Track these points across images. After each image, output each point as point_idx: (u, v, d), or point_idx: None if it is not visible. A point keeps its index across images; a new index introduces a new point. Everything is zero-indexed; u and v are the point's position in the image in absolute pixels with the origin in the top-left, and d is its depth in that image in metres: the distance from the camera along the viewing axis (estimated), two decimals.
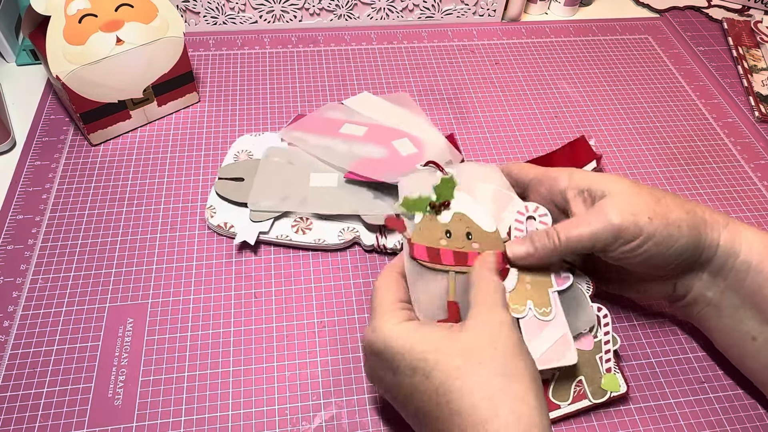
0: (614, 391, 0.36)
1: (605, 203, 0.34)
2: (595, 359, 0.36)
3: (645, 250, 0.33)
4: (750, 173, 0.53)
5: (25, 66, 0.59)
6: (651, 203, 0.33)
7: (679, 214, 0.33)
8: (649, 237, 0.33)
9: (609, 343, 0.36)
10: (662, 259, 0.34)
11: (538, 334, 0.34)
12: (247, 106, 0.55)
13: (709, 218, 0.34)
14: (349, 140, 0.47)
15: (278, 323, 0.40)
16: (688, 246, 0.33)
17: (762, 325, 0.34)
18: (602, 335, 0.37)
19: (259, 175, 0.45)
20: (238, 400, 0.36)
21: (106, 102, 0.49)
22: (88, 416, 0.35)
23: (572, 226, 0.34)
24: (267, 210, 0.43)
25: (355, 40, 0.64)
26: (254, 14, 0.63)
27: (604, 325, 0.37)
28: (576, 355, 0.34)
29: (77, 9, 0.45)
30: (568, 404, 0.36)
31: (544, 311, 0.35)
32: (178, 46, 0.50)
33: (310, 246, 0.43)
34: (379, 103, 0.52)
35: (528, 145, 0.53)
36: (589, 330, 0.36)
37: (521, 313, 0.35)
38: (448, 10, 0.66)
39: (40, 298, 0.40)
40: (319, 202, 0.44)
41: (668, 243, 0.33)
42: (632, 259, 0.34)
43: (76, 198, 0.46)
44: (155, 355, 0.38)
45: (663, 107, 0.59)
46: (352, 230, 0.43)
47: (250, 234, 0.43)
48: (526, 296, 0.35)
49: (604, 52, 0.65)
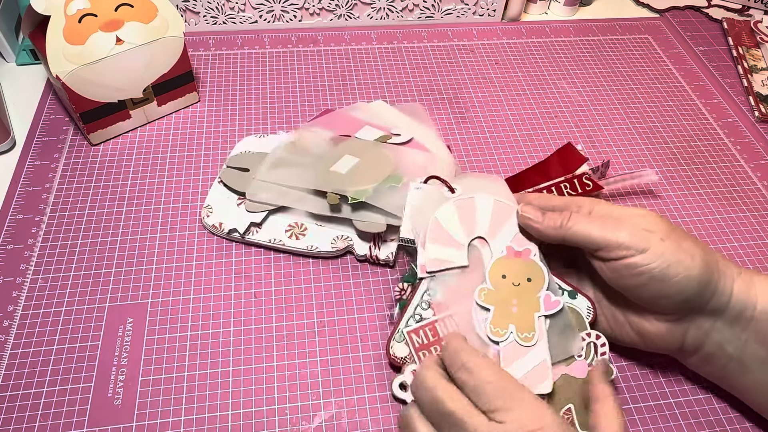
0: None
1: (624, 215, 0.34)
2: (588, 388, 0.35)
3: (651, 269, 0.32)
4: (750, 173, 0.53)
5: (25, 66, 0.59)
6: (667, 229, 0.33)
7: (693, 246, 0.32)
8: (658, 255, 0.32)
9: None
10: (668, 287, 0.32)
11: (518, 359, 0.34)
12: (247, 106, 0.55)
13: (722, 262, 0.33)
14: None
15: (278, 323, 0.40)
16: (700, 281, 0.32)
17: None
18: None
19: (263, 167, 0.45)
20: (238, 400, 0.36)
21: (105, 102, 0.49)
22: (88, 416, 0.35)
23: (586, 221, 0.34)
24: (264, 202, 0.43)
25: (355, 40, 0.64)
26: (254, 14, 0.63)
27: (601, 354, 0.35)
28: (551, 385, 0.33)
29: (77, 9, 0.45)
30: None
31: (527, 336, 0.34)
32: (178, 45, 0.50)
33: (302, 252, 0.43)
34: (392, 112, 0.51)
35: (528, 145, 0.53)
36: (584, 357, 0.35)
37: (501, 337, 0.34)
38: (448, 10, 0.66)
39: (40, 298, 0.40)
40: (316, 203, 0.43)
41: (677, 269, 0.31)
42: (638, 277, 0.32)
43: (76, 198, 0.46)
44: (155, 355, 0.38)
45: (663, 107, 0.59)
46: (345, 239, 0.43)
47: (241, 222, 0.43)
48: (509, 320, 0.35)
49: (604, 52, 0.65)
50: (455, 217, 0.38)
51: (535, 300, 0.35)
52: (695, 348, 0.35)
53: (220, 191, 0.46)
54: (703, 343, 0.34)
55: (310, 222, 0.44)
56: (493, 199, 0.38)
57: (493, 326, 0.35)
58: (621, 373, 0.39)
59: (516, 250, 0.37)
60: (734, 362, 0.34)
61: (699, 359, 0.35)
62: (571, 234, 0.34)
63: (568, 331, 0.35)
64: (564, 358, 0.35)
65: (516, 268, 0.36)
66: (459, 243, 0.37)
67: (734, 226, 0.48)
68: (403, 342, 0.36)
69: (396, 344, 0.36)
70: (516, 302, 0.35)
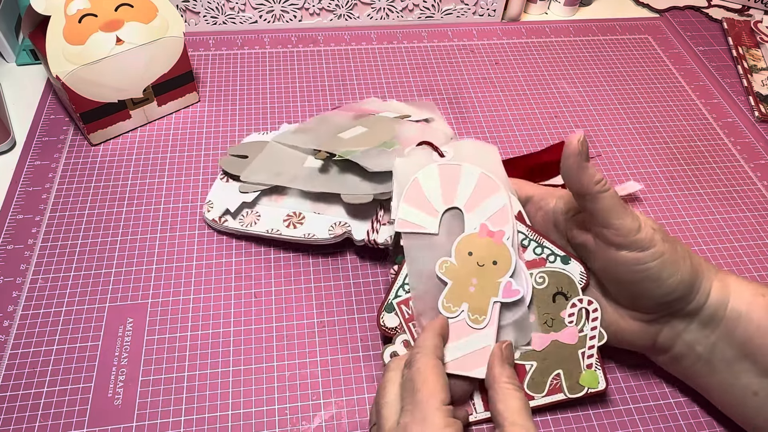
0: (592, 388, 0.35)
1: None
2: (578, 354, 0.35)
3: (649, 267, 0.32)
4: (750, 173, 0.53)
5: (25, 66, 0.59)
6: (664, 232, 0.33)
7: (684, 250, 0.33)
8: (658, 255, 0.32)
9: (594, 338, 0.35)
10: (658, 287, 0.32)
11: (462, 338, 0.34)
12: (247, 106, 0.55)
13: (704, 265, 0.34)
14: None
15: (278, 323, 0.40)
16: (687, 284, 0.32)
17: (761, 377, 0.32)
18: (588, 330, 0.35)
19: (261, 155, 0.46)
20: (238, 400, 0.36)
21: (105, 102, 0.49)
22: (88, 416, 0.35)
23: (617, 196, 0.33)
24: (257, 182, 0.44)
25: (355, 40, 0.64)
26: (254, 14, 0.63)
27: (592, 320, 0.35)
28: (484, 373, 0.33)
29: (77, 9, 0.45)
30: (542, 396, 0.35)
31: (477, 318, 0.34)
32: (178, 45, 0.50)
33: (300, 241, 0.43)
34: (405, 106, 0.51)
35: (528, 145, 0.53)
36: (575, 323, 0.35)
37: (452, 313, 0.34)
38: (448, 10, 0.66)
39: (40, 298, 0.40)
40: (307, 181, 0.43)
41: (672, 270, 0.32)
42: (634, 273, 0.32)
43: (76, 198, 0.46)
44: (155, 355, 0.38)
45: (663, 107, 0.59)
46: (343, 225, 0.42)
47: (233, 202, 0.43)
48: (464, 298, 0.35)
49: (604, 52, 0.65)
50: (436, 182, 0.37)
51: (495, 284, 0.35)
52: (666, 348, 0.35)
53: (221, 188, 0.46)
54: (674, 344, 0.35)
55: (308, 211, 0.44)
56: (480, 172, 0.37)
57: (446, 301, 0.35)
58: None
59: (489, 230, 0.36)
60: (702, 362, 0.34)
61: (669, 358, 0.36)
62: (602, 196, 0.32)
63: (523, 326, 0.35)
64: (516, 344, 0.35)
65: (484, 247, 0.36)
66: (434, 209, 0.37)
67: (734, 226, 0.48)
68: (393, 313, 0.36)
69: (386, 315, 0.36)
70: (475, 282, 0.35)
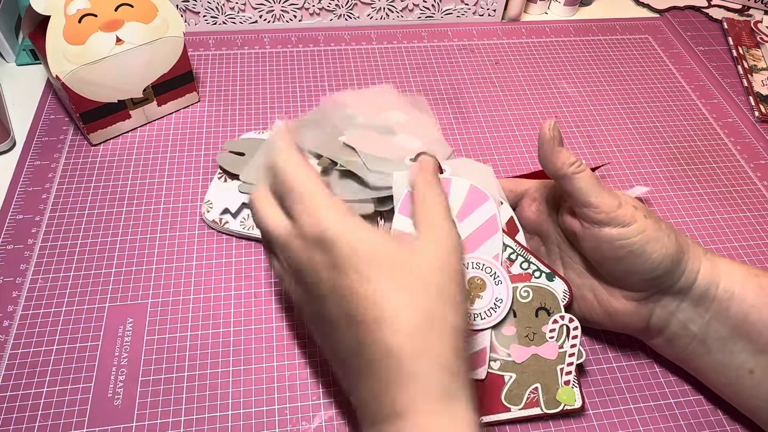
0: (569, 405, 0.35)
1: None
2: (556, 369, 0.35)
3: (632, 243, 0.33)
4: (750, 173, 0.53)
5: (25, 66, 0.59)
6: (647, 209, 0.34)
7: (668, 226, 0.34)
8: (640, 230, 0.33)
9: (573, 356, 0.35)
10: (643, 262, 0.33)
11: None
12: (247, 105, 0.55)
13: (691, 244, 0.35)
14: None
15: (278, 323, 0.40)
16: (673, 259, 0.33)
17: (756, 355, 0.33)
18: (568, 347, 0.35)
19: (260, 153, 0.46)
20: (238, 400, 0.36)
21: (105, 102, 0.49)
22: (88, 416, 0.35)
23: (593, 175, 0.34)
24: (257, 182, 0.44)
25: (355, 40, 0.64)
26: (254, 14, 0.63)
27: (572, 338, 0.36)
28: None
29: (77, 9, 0.45)
30: (518, 409, 0.35)
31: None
32: (178, 46, 0.50)
33: None
34: (395, 96, 0.51)
35: (528, 145, 0.53)
36: (555, 339, 0.36)
37: None
38: (448, 10, 0.66)
39: (40, 298, 0.40)
40: None
41: (655, 246, 0.33)
42: (617, 250, 0.33)
43: (75, 198, 0.46)
44: (155, 355, 0.38)
45: (663, 107, 0.59)
46: None
47: (233, 202, 0.44)
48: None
49: (604, 52, 0.65)
50: None
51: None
52: (661, 328, 0.36)
53: (220, 187, 0.46)
54: (668, 323, 0.35)
55: None
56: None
57: None
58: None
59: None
60: (697, 342, 0.35)
61: (664, 339, 0.36)
62: (577, 177, 0.34)
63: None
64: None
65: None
66: None
67: (734, 226, 0.48)
68: None
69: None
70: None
